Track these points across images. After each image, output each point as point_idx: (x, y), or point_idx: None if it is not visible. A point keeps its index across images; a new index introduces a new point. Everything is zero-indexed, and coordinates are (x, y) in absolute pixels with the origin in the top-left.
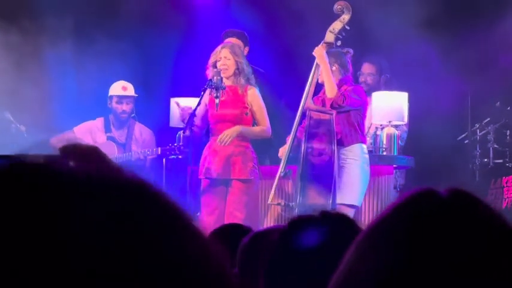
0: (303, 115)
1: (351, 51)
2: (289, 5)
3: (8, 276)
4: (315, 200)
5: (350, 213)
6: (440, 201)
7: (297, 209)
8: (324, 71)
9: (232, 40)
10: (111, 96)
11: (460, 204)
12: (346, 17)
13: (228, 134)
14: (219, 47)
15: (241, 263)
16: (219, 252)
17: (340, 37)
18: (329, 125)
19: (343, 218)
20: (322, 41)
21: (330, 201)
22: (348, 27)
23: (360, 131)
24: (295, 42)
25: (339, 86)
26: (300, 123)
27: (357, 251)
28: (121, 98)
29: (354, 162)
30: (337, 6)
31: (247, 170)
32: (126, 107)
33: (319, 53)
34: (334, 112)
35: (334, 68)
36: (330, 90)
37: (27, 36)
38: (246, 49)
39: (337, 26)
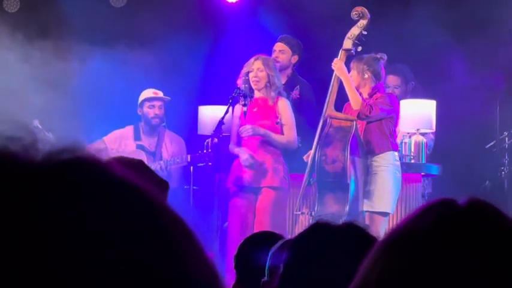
0: (324, 123)
1: (385, 57)
2: (319, 11)
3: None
4: (332, 208)
5: (382, 220)
6: (457, 211)
7: (311, 218)
8: (345, 84)
9: (280, 46)
10: (143, 102)
11: (476, 214)
12: (363, 22)
13: (251, 127)
14: (253, 58)
15: (270, 269)
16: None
17: (358, 43)
18: (348, 132)
19: (355, 227)
20: (341, 48)
21: (347, 209)
22: (365, 33)
23: (392, 139)
24: (325, 47)
25: (371, 94)
26: (322, 131)
27: (372, 256)
28: (153, 101)
29: (386, 169)
30: (354, 12)
31: (278, 179)
32: (158, 111)
33: (338, 65)
34: (355, 119)
35: (366, 75)
36: (354, 102)
37: (56, 46)
38: (295, 57)
39: (354, 31)
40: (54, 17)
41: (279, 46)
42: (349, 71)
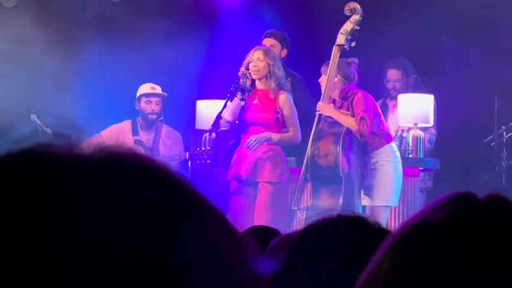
0: (319, 118)
1: (356, 61)
2: (316, 5)
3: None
4: (326, 202)
5: (383, 211)
6: (476, 204)
7: (305, 212)
8: (336, 118)
9: (269, 41)
10: (140, 97)
11: (495, 209)
12: (356, 17)
13: (256, 140)
14: (253, 49)
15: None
16: (250, 248)
17: (350, 38)
18: (342, 126)
19: (358, 219)
20: (335, 44)
21: (341, 202)
22: (358, 28)
23: (383, 132)
24: (324, 43)
25: (342, 95)
26: (317, 126)
27: (383, 248)
28: (150, 97)
29: (386, 163)
30: (346, 8)
31: (277, 173)
32: (155, 106)
33: (324, 109)
34: (349, 113)
35: (336, 79)
36: (352, 128)
37: (53, 39)
38: (284, 51)
39: (347, 27)
40: (52, 12)
41: (269, 41)
42: (320, 75)
